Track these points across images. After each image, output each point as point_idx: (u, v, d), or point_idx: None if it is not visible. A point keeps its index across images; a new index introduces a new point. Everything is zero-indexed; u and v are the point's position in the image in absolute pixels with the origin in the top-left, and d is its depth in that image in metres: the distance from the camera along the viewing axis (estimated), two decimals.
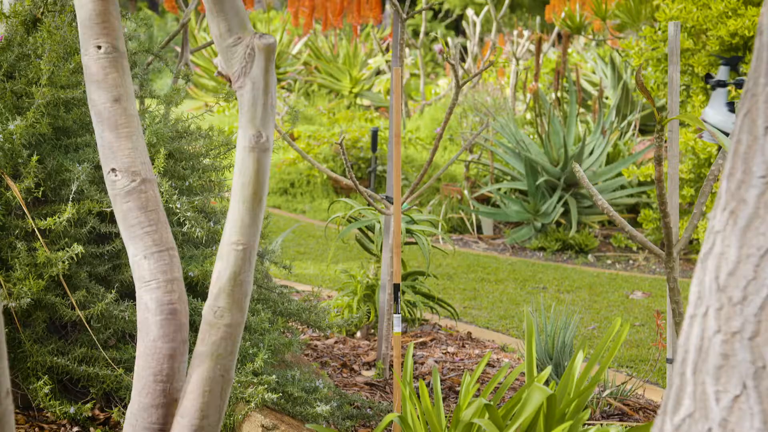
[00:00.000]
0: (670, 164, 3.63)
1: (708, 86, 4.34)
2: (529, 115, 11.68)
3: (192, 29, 15.58)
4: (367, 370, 5.06)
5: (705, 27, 6.90)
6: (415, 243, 5.58)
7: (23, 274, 3.39)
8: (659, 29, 7.42)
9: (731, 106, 4.31)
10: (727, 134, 4.32)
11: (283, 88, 15.48)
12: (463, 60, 15.92)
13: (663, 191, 2.98)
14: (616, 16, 11.65)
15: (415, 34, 22.36)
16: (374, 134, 8.34)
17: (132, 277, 2.72)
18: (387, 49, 15.19)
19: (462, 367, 5.17)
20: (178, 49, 5.50)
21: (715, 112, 4.29)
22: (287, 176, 10.58)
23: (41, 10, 3.89)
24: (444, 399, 4.63)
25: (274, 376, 3.62)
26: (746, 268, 1.59)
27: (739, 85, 4.27)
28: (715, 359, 1.61)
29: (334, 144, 10.56)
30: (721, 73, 4.33)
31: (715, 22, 6.84)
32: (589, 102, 12.54)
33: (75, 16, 3.48)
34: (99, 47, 2.67)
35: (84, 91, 3.66)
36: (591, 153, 9.23)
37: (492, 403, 3.09)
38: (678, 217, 3.70)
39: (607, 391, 4.52)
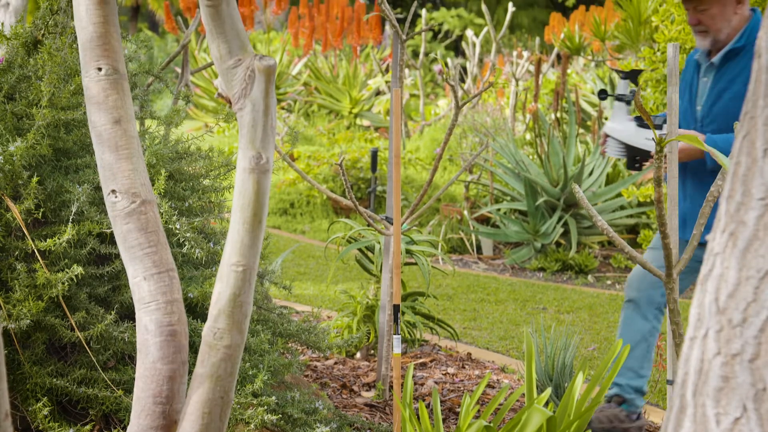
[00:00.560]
0: (670, 185, 3.63)
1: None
2: (528, 136, 11.70)
3: (192, 50, 15.63)
4: (367, 391, 5.05)
5: None
6: (415, 263, 5.58)
7: (23, 295, 3.39)
8: (658, 50, 7.43)
9: (640, 121, 4.30)
10: (631, 147, 4.30)
11: (283, 108, 15.51)
12: (462, 81, 15.96)
13: (662, 212, 2.98)
14: (615, 37, 11.68)
15: (415, 54, 22.42)
16: (374, 155, 8.35)
17: (132, 298, 2.72)
18: (387, 70, 15.23)
19: (462, 388, 5.16)
20: (179, 70, 5.51)
21: (618, 125, 4.32)
22: (287, 196, 10.58)
23: (42, 32, 3.91)
24: (444, 420, 4.62)
25: (273, 398, 3.61)
26: (746, 290, 1.59)
27: (626, 100, 4.30)
28: (716, 381, 1.61)
29: (333, 165, 10.57)
30: (621, 86, 4.33)
31: None
32: (589, 122, 12.57)
33: (76, 37, 3.49)
34: (100, 69, 2.68)
35: (84, 113, 3.67)
36: (591, 173, 9.24)
37: (492, 424, 3.09)
38: (677, 238, 3.71)
39: None
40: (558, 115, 10.88)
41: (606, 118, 11.74)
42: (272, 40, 18.53)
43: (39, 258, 3.46)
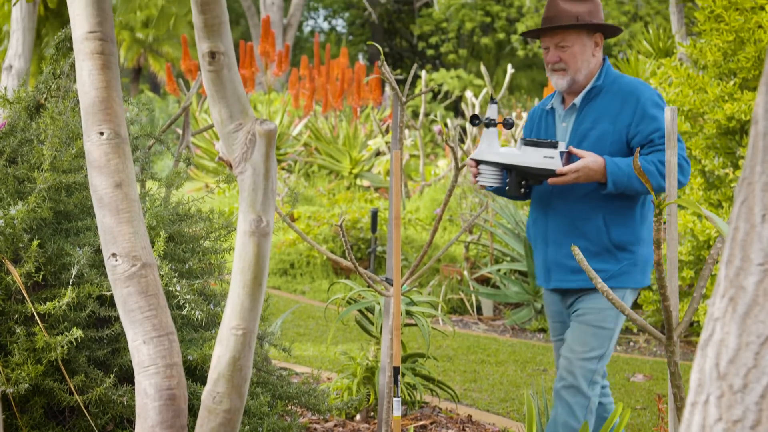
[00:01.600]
0: (669, 247, 3.64)
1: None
2: None
3: (193, 111, 15.72)
4: None
5: (702, 110, 6.97)
6: (415, 324, 5.57)
7: (22, 359, 3.38)
8: None
9: (526, 141, 4.10)
10: (521, 169, 4.06)
11: (283, 169, 15.56)
12: (462, 141, 16.03)
13: (662, 274, 2.98)
14: None
15: (415, 115, 22.55)
16: (374, 215, 8.37)
17: (131, 361, 2.72)
18: (387, 131, 15.31)
19: None
20: (180, 131, 5.55)
21: (496, 149, 4.13)
22: (287, 257, 10.58)
23: (45, 95, 3.94)
24: None
25: None
26: (746, 356, 1.59)
27: (509, 125, 4.09)
28: None
29: (334, 225, 10.58)
30: (491, 111, 4.18)
31: (711, 105, 6.90)
32: None
33: (78, 101, 3.52)
34: (101, 133, 2.70)
35: (85, 175, 3.69)
36: None
37: None
38: (678, 300, 3.70)
39: None
40: None
41: None
42: (273, 101, 18.65)
43: (38, 321, 3.45)
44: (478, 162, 4.16)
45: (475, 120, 4.13)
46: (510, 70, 12.72)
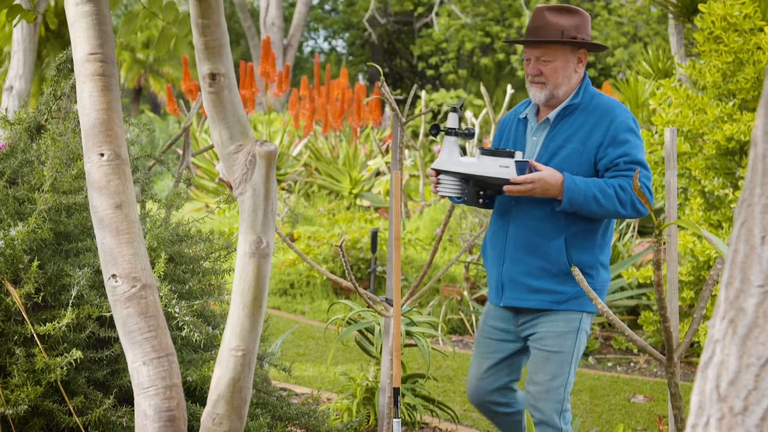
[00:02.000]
0: (669, 268, 3.64)
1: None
2: None
3: (193, 131, 15.75)
4: None
5: (701, 131, 6.98)
6: (415, 345, 5.56)
7: (21, 380, 3.38)
8: (656, 133, 7.50)
9: (484, 150, 4.03)
10: (479, 179, 3.98)
11: (283, 189, 15.57)
12: None
13: (662, 295, 2.98)
14: None
15: (415, 135, 22.59)
16: (374, 235, 8.37)
17: (131, 382, 2.71)
18: (387, 151, 15.33)
19: None
20: (180, 152, 5.56)
21: (456, 158, 4.05)
22: (287, 277, 10.57)
23: (45, 117, 3.95)
24: None
25: None
26: (747, 378, 1.59)
27: (469, 135, 4.02)
28: None
29: (334, 245, 10.58)
30: (451, 120, 4.10)
31: (711, 126, 6.92)
32: None
33: (78, 122, 3.52)
34: (102, 154, 2.70)
35: (86, 196, 3.69)
36: None
37: None
38: (678, 320, 3.70)
39: None
40: None
41: None
42: (273, 121, 18.68)
43: (38, 342, 3.45)
44: (438, 172, 4.10)
45: (434, 130, 4.06)
46: (510, 90, 12.74)
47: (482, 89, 11.63)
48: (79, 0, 2.77)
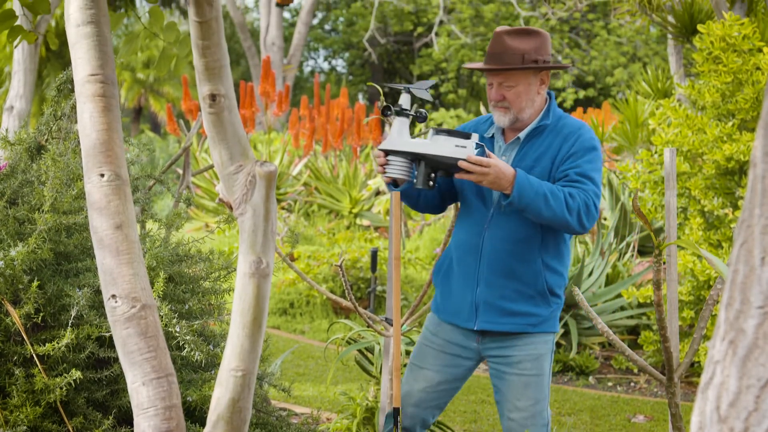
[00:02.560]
0: (669, 288, 3.64)
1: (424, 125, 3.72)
2: None
3: (194, 151, 15.77)
4: None
5: (701, 151, 6.99)
6: None
7: (20, 400, 3.37)
8: (656, 152, 7.51)
9: (438, 131, 3.82)
10: (432, 160, 3.78)
11: (283, 208, 15.58)
12: None
13: (662, 315, 2.98)
14: (612, 139, 11.80)
15: None
16: (374, 255, 8.37)
17: (130, 402, 2.71)
18: None
19: None
20: (180, 171, 5.57)
21: (407, 139, 3.83)
22: (287, 296, 10.57)
23: (46, 137, 3.95)
24: None
25: None
26: (747, 399, 1.59)
27: (421, 118, 3.84)
28: None
29: (333, 265, 10.58)
30: (404, 100, 3.89)
31: (710, 146, 6.93)
32: None
33: (78, 142, 3.53)
34: (102, 175, 2.71)
35: (86, 216, 3.69)
36: (590, 274, 9.25)
37: None
38: (678, 340, 3.70)
39: None
40: None
41: (605, 219, 11.78)
42: (273, 141, 18.71)
43: (37, 363, 3.45)
44: (387, 152, 3.88)
45: (387, 111, 3.87)
46: None
47: (482, 109, 11.65)
48: (80, 21, 2.78)
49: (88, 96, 2.74)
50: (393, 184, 4.02)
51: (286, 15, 42.82)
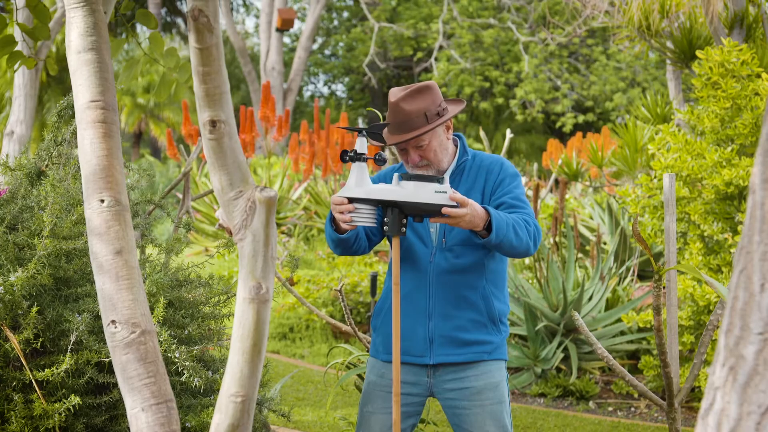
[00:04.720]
0: (669, 313, 3.64)
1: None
2: (527, 261, 11.74)
3: (194, 176, 15.79)
4: None
5: (700, 176, 7.00)
6: None
7: (19, 426, 3.36)
8: (655, 177, 7.52)
9: (409, 176, 3.72)
10: (408, 205, 3.70)
11: (283, 233, 15.59)
12: None
13: (662, 341, 2.98)
14: (612, 164, 11.81)
15: None
16: (373, 279, 8.37)
17: (129, 428, 2.70)
18: None
19: None
20: (180, 195, 5.57)
21: (369, 186, 3.71)
22: (286, 321, 10.56)
23: (46, 162, 3.96)
24: None
25: None
26: (748, 426, 1.58)
27: (380, 161, 3.78)
28: None
29: (333, 289, 10.58)
30: (359, 144, 3.78)
31: (709, 171, 6.94)
32: (587, 247, 12.62)
33: (79, 167, 3.54)
34: (102, 201, 2.71)
35: (86, 242, 3.69)
36: (590, 299, 9.24)
37: None
38: (678, 365, 3.69)
39: None
40: (557, 239, 10.93)
41: (605, 243, 11.79)
42: (273, 165, 18.74)
43: (36, 388, 3.44)
44: (352, 200, 3.73)
45: (344, 156, 3.76)
46: (509, 134, 12.79)
47: (481, 133, 11.67)
48: (81, 48, 2.79)
49: (88, 122, 2.74)
50: (337, 230, 3.92)
51: (286, 40, 42.98)
